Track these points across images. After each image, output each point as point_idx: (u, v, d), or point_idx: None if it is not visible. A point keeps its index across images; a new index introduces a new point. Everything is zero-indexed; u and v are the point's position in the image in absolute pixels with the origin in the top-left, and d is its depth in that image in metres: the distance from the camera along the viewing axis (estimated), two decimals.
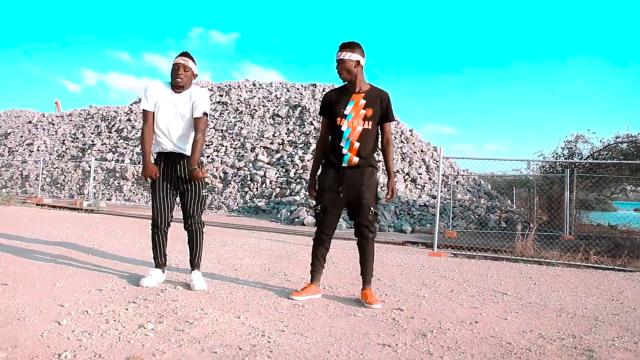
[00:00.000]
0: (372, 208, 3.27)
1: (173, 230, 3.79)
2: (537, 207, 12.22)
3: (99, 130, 20.04)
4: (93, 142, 19.21)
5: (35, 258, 4.26)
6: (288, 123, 17.13)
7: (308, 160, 14.03)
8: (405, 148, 15.35)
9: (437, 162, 13.74)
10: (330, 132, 3.34)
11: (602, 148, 12.68)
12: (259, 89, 20.76)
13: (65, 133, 21.08)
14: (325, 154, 3.40)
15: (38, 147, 20.45)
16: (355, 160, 3.23)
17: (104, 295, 3.07)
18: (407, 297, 3.59)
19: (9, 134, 22.75)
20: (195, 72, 3.45)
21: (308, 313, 2.93)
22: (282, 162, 14.72)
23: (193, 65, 3.41)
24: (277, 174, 14.14)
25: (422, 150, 16.12)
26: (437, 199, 6.90)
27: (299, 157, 14.44)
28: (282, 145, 15.66)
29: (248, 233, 8.05)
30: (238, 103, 19.25)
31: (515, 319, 3.09)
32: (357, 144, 3.22)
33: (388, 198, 3.34)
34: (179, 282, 3.59)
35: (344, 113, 3.25)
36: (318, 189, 3.37)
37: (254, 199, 13.40)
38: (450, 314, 3.12)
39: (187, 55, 3.42)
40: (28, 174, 18.52)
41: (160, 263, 3.54)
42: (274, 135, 16.35)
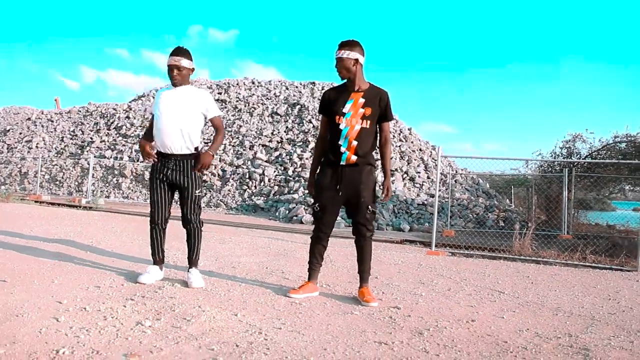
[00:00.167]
0: (370, 207, 3.27)
1: (171, 228, 3.80)
2: (535, 206, 12.24)
3: (98, 128, 20.03)
4: (92, 139, 19.20)
5: (34, 255, 4.26)
6: (287, 121, 17.14)
7: (307, 159, 14.04)
8: (404, 147, 15.36)
9: (435, 160, 13.76)
10: (329, 130, 3.34)
11: (600, 148, 12.71)
12: (258, 87, 20.76)
13: (64, 130, 21.06)
14: (324, 153, 3.40)
15: (37, 144, 20.44)
16: (353, 159, 3.23)
17: (102, 292, 3.07)
18: (404, 295, 3.60)
19: (8, 131, 22.73)
20: (191, 67, 3.41)
21: (305, 311, 2.94)
22: (280, 160, 14.72)
23: (187, 63, 3.37)
24: (275, 172, 14.15)
25: (420, 149, 16.14)
26: (435, 198, 6.91)
27: (298, 155, 14.45)
28: (280, 144, 15.66)
29: (246, 231, 8.06)
30: (237, 101, 19.25)
31: (512, 318, 3.10)
32: (355, 143, 3.22)
33: (383, 197, 3.35)
34: (177, 279, 3.60)
35: (343, 111, 3.25)
36: (316, 188, 3.38)
37: (253, 197, 13.41)
38: (447, 313, 3.13)
39: (179, 54, 3.36)
40: (27, 171, 18.51)
41: (158, 259, 3.55)
42: (273, 134, 16.35)
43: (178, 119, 3.37)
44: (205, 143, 16.21)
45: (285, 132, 16.38)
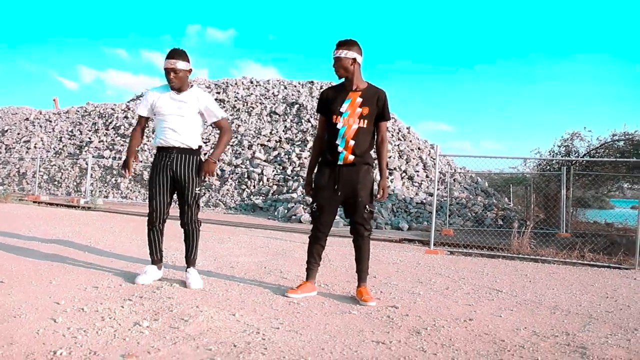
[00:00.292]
0: (367, 206, 3.28)
1: (169, 228, 3.79)
2: (533, 204, 12.25)
3: (96, 128, 20.00)
4: (90, 139, 19.17)
5: (32, 256, 4.26)
6: (285, 120, 17.13)
7: (305, 158, 14.03)
8: (403, 146, 15.36)
9: (434, 159, 13.74)
10: (327, 129, 3.34)
11: (598, 146, 12.72)
12: (257, 87, 20.74)
13: (62, 130, 21.03)
14: (322, 152, 3.40)
15: (35, 144, 20.40)
16: (351, 158, 3.23)
17: (100, 293, 3.07)
18: (402, 294, 3.60)
19: (6, 131, 22.69)
20: (188, 68, 3.37)
21: (303, 310, 2.94)
22: (279, 159, 14.72)
23: (183, 64, 3.33)
24: (274, 172, 14.14)
25: (419, 148, 16.13)
26: (434, 197, 6.91)
27: (296, 154, 14.44)
28: (279, 143, 15.66)
29: (245, 230, 8.06)
30: (235, 100, 19.23)
31: (510, 317, 3.11)
32: (352, 142, 3.22)
33: (379, 197, 3.34)
34: (175, 279, 3.60)
35: (340, 111, 3.25)
36: (314, 187, 3.38)
37: (251, 197, 13.40)
38: (445, 312, 3.13)
39: (174, 56, 3.32)
40: (25, 172, 18.49)
41: (156, 259, 3.55)
42: (271, 133, 16.34)
43: (179, 124, 3.39)
44: (205, 143, 16.20)
45: (284, 131, 16.37)
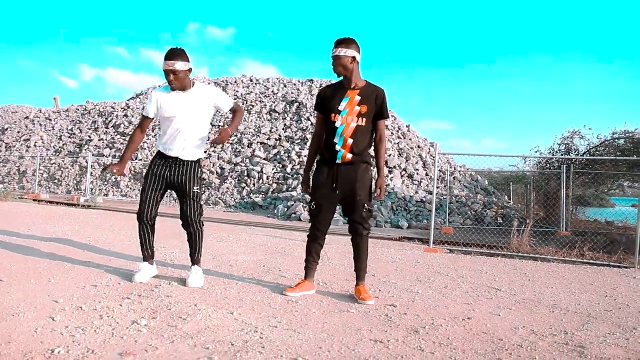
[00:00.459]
0: (366, 205, 3.27)
1: (169, 226, 3.78)
2: (533, 203, 12.24)
3: (96, 126, 19.99)
4: (90, 138, 19.17)
5: (31, 254, 4.26)
6: (285, 119, 17.12)
7: (305, 156, 14.02)
8: (402, 144, 15.34)
9: (433, 158, 13.78)
10: (325, 128, 3.34)
11: (599, 144, 12.71)
12: (256, 85, 20.73)
13: (63, 129, 21.03)
14: (320, 151, 3.40)
15: (35, 142, 20.40)
16: (349, 157, 3.23)
17: (99, 291, 3.08)
18: (401, 293, 3.60)
19: (6, 130, 22.69)
20: (187, 68, 3.30)
21: (301, 309, 2.94)
22: (279, 158, 14.71)
23: (182, 65, 3.26)
24: (274, 170, 14.14)
25: (419, 146, 16.12)
26: (433, 195, 6.91)
27: (296, 153, 14.43)
28: (279, 141, 15.65)
29: (245, 229, 8.06)
30: (235, 99, 19.22)
31: (508, 316, 3.11)
32: (350, 141, 3.22)
33: (377, 196, 3.33)
34: (174, 278, 3.60)
35: (339, 109, 3.24)
36: (313, 186, 3.38)
37: (251, 195, 13.40)
38: (444, 311, 3.13)
39: (173, 57, 3.25)
40: (25, 170, 18.49)
41: (148, 255, 3.52)
42: (271, 131, 16.33)
43: (186, 126, 3.37)
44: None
45: (284, 129, 16.36)
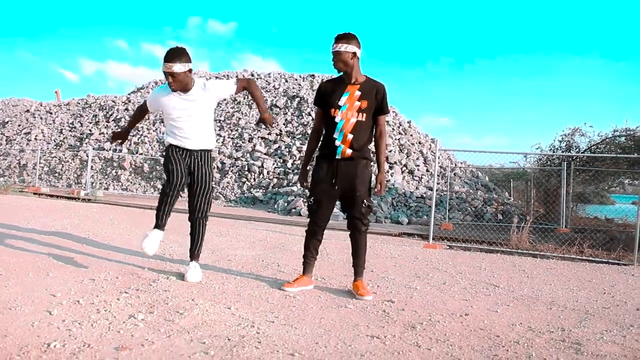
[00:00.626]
0: (365, 201, 3.26)
1: (169, 221, 3.73)
2: (533, 199, 12.23)
3: (97, 120, 19.99)
4: (91, 131, 19.16)
5: (30, 248, 4.26)
6: (286, 114, 17.09)
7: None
8: (403, 139, 15.32)
9: (434, 154, 13.75)
10: (324, 123, 3.32)
11: (599, 141, 12.68)
12: (257, 79, 20.67)
13: (63, 122, 21.02)
14: (320, 146, 3.39)
15: (36, 136, 20.40)
16: (349, 153, 3.22)
17: (97, 285, 3.08)
18: (399, 289, 3.60)
19: (7, 123, 22.68)
20: (187, 68, 3.22)
21: (299, 304, 2.94)
22: (279, 152, 14.70)
23: (181, 67, 3.18)
24: (274, 165, 14.14)
25: (419, 142, 16.10)
26: (433, 191, 6.91)
27: (297, 147, 14.42)
28: (279, 136, 15.63)
29: (244, 223, 8.07)
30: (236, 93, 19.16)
31: (506, 312, 3.11)
32: (350, 136, 3.21)
33: (376, 191, 3.33)
34: (172, 272, 3.60)
35: (339, 104, 3.23)
36: (312, 181, 3.37)
37: (252, 190, 13.41)
38: (441, 306, 3.13)
39: (172, 59, 3.16)
40: (26, 163, 18.49)
41: (161, 224, 3.38)
42: (272, 126, 16.31)
43: (190, 126, 3.37)
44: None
45: (285, 124, 16.34)
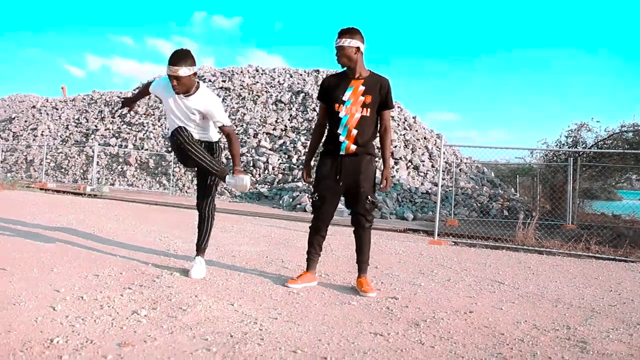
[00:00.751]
0: (369, 197, 3.24)
1: (172, 214, 3.75)
2: (539, 195, 12.15)
3: (103, 116, 20.05)
4: (96, 127, 19.22)
5: (35, 243, 4.28)
6: (291, 109, 17.05)
7: None
8: (409, 135, 15.25)
9: (439, 149, 13.69)
10: (328, 118, 3.30)
11: (606, 137, 12.57)
12: (262, 75, 20.63)
13: (69, 118, 21.10)
14: (323, 142, 3.37)
15: (42, 131, 20.49)
16: (353, 148, 3.19)
17: (100, 281, 3.08)
18: (403, 285, 3.59)
19: (14, 119, 22.80)
20: (191, 72, 3.17)
21: (302, 301, 2.93)
22: (284, 148, 14.69)
23: (186, 71, 3.12)
24: (279, 160, 14.13)
25: (425, 138, 16.02)
26: (438, 187, 6.87)
27: (302, 143, 14.40)
28: (284, 132, 15.61)
29: (249, 219, 8.07)
30: (241, 89, 19.15)
31: (511, 309, 3.09)
32: (354, 132, 3.18)
33: (382, 187, 3.31)
34: (176, 268, 3.60)
35: (343, 99, 3.20)
36: (316, 177, 3.35)
37: (257, 185, 13.41)
38: (445, 303, 3.11)
39: (177, 62, 3.10)
40: (32, 159, 18.60)
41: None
42: (277, 121, 16.28)
43: (198, 121, 3.38)
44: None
45: (289, 120, 16.31)
